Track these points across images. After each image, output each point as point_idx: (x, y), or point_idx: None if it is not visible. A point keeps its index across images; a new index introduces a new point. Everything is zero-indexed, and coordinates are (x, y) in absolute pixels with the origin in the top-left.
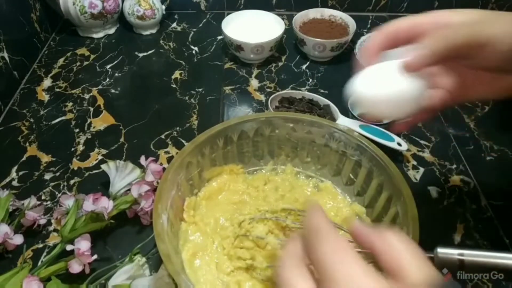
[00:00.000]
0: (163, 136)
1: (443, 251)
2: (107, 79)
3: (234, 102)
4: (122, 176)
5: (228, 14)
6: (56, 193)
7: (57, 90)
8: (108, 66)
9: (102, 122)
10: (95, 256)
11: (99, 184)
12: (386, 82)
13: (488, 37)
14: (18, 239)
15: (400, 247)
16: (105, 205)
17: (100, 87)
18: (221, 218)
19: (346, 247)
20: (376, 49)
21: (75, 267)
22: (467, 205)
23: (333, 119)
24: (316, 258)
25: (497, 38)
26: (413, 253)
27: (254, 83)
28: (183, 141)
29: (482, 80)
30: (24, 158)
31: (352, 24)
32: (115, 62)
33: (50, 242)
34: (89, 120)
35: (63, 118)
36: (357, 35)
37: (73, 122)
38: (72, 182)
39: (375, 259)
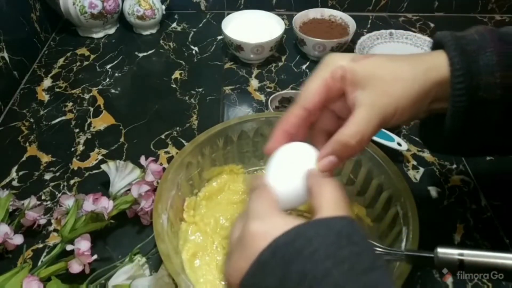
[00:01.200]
0: (163, 136)
1: (443, 251)
2: (107, 79)
3: (234, 102)
4: (122, 176)
5: (228, 14)
6: (56, 193)
7: (57, 90)
8: (108, 66)
9: (102, 122)
10: (95, 256)
11: (99, 184)
12: (293, 174)
13: (395, 111)
14: (18, 239)
15: (327, 191)
16: (105, 205)
17: (100, 87)
18: (221, 218)
19: (268, 195)
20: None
21: (75, 267)
22: (467, 205)
23: None
24: (247, 204)
25: (401, 107)
26: (335, 198)
27: (254, 83)
28: (183, 141)
29: None
30: (24, 158)
31: (352, 24)
32: (115, 62)
33: (50, 242)
34: (89, 120)
35: (63, 118)
36: (357, 35)
37: (73, 122)
38: (72, 182)
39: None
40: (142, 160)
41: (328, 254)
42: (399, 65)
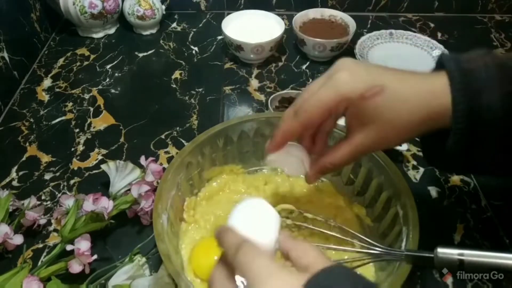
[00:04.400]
0: (163, 136)
1: (443, 251)
2: (107, 79)
3: (234, 102)
4: (122, 176)
5: (228, 14)
6: (56, 193)
7: (57, 90)
8: (108, 66)
9: (102, 122)
10: (95, 256)
11: (99, 184)
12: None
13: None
14: (18, 239)
15: (309, 249)
16: (105, 205)
17: (100, 87)
18: (221, 214)
19: (258, 250)
20: (289, 138)
21: (75, 267)
22: (467, 205)
23: None
24: (236, 264)
25: (394, 144)
26: (318, 253)
27: (254, 83)
28: (183, 141)
29: None
30: (24, 158)
31: (352, 24)
32: (115, 62)
33: (50, 242)
34: (89, 120)
35: (63, 118)
36: (357, 35)
37: (73, 122)
38: (72, 182)
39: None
40: (142, 160)
41: None
42: (406, 109)
